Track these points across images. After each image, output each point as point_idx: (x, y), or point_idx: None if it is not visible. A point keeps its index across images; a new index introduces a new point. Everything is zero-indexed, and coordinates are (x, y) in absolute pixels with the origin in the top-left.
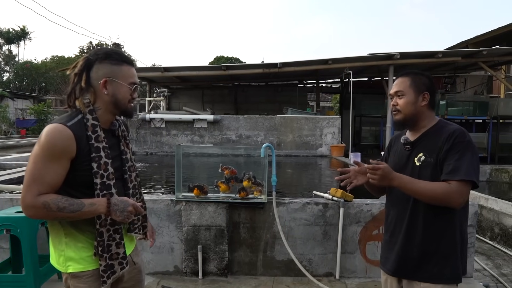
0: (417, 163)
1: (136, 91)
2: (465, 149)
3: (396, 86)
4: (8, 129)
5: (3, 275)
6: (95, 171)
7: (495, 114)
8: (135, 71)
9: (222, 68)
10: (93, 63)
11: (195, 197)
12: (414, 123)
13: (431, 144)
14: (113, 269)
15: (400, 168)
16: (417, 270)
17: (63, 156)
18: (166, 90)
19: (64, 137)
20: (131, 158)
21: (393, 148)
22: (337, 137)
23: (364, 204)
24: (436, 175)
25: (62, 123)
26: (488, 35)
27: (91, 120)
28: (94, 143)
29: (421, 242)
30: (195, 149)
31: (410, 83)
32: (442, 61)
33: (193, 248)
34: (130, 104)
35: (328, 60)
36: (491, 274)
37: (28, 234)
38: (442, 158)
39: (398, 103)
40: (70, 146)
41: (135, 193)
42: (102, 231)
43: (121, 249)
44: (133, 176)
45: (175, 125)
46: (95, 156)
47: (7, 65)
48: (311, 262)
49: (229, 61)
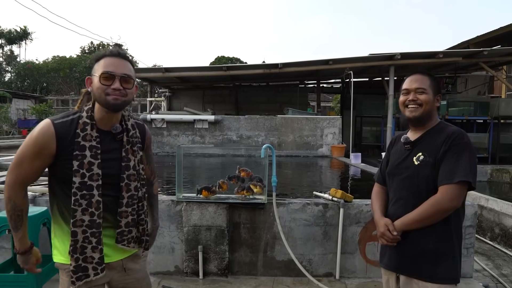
0: (416, 162)
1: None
2: (462, 150)
3: (418, 82)
4: (10, 129)
5: (5, 275)
6: (75, 169)
7: (496, 114)
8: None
9: (223, 69)
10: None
11: (205, 198)
12: (426, 121)
13: (431, 145)
14: (86, 272)
15: (399, 167)
16: (414, 267)
17: (42, 153)
18: (167, 91)
19: (45, 134)
20: (136, 167)
21: (393, 148)
22: (337, 137)
23: (364, 205)
24: (435, 174)
25: (51, 120)
26: (489, 35)
27: (84, 118)
28: (80, 141)
29: (418, 240)
30: (196, 149)
31: (430, 82)
32: (443, 61)
33: (194, 248)
34: (109, 96)
35: (329, 61)
36: (491, 275)
37: (30, 234)
38: (440, 158)
39: (419, 98)
40: (49, 143)
41: (130, 204)
42: (75, 231)
43: (97, 253)
44: (133, 186)
45: (176, 126)
46: (78, 154)
47: (8, 65)
48: (311, 262)
49: (230, 61)
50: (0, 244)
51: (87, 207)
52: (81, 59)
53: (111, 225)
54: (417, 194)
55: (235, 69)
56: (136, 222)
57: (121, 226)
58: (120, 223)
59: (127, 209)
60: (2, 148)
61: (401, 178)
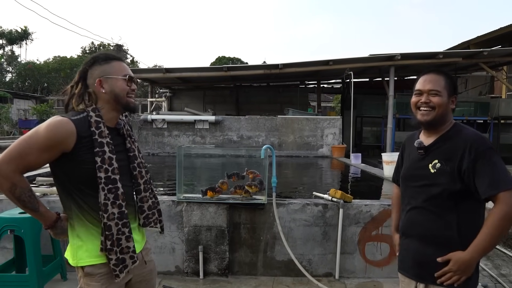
0: (432, 170)
1: (134, 82)
2: (491, 156)
3: (431, 83)
4: (11, 129)
5: (7, 275)
6: (98, 165)
7: (496, 114)
8: (126, 65)
9: (224, 69)
10: (86, 71)
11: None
12: (439, 125)
13: (448, 151)
14: (124, 263)
15: (413, 174)
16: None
17: (57, 147)
18: (168, 91)
19: (66, 130)
20: (139, 155)
21: (406, 151)
22: (338, 137)
23: (363, 205)
24: (452, 184)
25: (67, 117)
26: (490, 36)
27: (94, 117)
28: (97, 138)
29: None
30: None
31: (445, 83)
32: (443, 61)
33: (194, 248)
34: (130, 98)
35: (329, 61)
36: (490, 275)
37: (32, 235)
38: (467, 169)
39: (432, 101)
40: (68, 139)
41: (147, 189)
42: (110, 225)
43: (131, 243)
44: (143, 172)
45: (177, 126)
46: (99, 151)
47: (9, 65)
48: (310, 263)
49: (230, 62)
50: (2, 245)
51: (114, 200)
52: (82, 59)
53: (132, 215)
54: (434, 202)
55: (236, 69)
56: (156, 204)
57: (145, 210)
58: (143, 208)
59: (145, 194)
60: (3, 149)
61: (417, 185)
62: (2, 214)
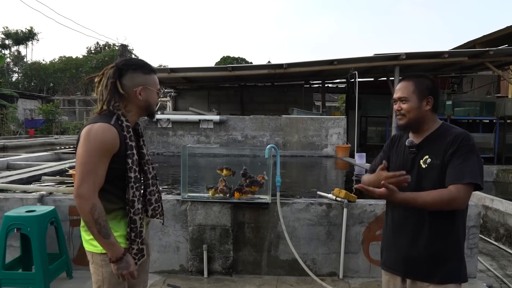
0: (423, 165)
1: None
2: (469, 152)
3: (400, 91)
4: (17, 129)
5: (13, 273)
6: (129, 166)
7: (502, 114)
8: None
9: (228, 69)
10: (125, 72)
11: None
12: (418, 126)
13: (437, 147)
14: (142, 252)
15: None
16: (424, 271)
17: (111, 152)
18: (173, 91)
19: (113, 135)
20: (147, 152)
21: (395, 148)
22: (342, 137)
23: (368, 205)
24: (442, 177)
25: (107, 122)
26: (496, 35)
27: (125, 122)
28: (128, 142)
29: (427, 243)
30: (201, 149)
31: (414, 88)
32: (448, 61)
33: (199, 247)
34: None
35: (334, 61)
36: (495, 275)
37: (38, 233)
38: (447, 160)
39: (402, 108)
40: (116, 143)
41: (154, 183)
42: (135, 219)
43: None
44: (151, 169)
45: (182, 126)
46: (130, 153)
47: (16, 65)
48: (314, 262)
49: (235, 61)
50: (9, 243)
51: (139, 197)
52: (87, 59)
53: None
54: None
55: (240, 69)
56: (160, 198)
57: (153, 203)
58: (151, 201)
59: (153, 188)
60: (9, 148)
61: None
62: (8, 212)
